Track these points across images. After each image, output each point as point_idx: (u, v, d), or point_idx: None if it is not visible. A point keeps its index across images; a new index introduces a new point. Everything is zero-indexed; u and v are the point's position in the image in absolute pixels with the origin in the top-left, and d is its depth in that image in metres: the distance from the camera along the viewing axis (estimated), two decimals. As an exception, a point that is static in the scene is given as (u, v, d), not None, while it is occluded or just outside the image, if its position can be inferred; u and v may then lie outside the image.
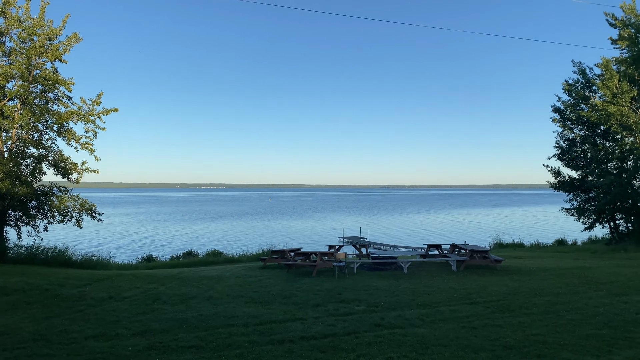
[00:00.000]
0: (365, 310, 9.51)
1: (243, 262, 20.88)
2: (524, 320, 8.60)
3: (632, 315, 8.94)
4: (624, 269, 15.30)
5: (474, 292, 11.34)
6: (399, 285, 12.31)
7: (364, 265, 16.20)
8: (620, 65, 27.61)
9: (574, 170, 29.46)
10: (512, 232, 41.06)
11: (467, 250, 16.24)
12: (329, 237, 39.38)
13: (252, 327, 8.25)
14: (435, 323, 8.45)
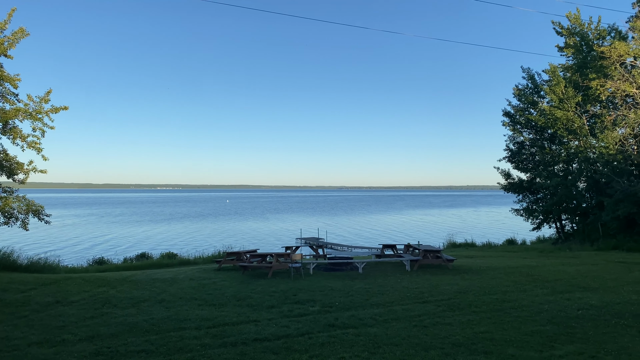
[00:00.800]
0: (319, 310, 9.55)
1: (198, 264, 20.58)
2: (473, 318, 8.85)
3: (574, 311, 9.34)
4: (568, 267, 15.98)
5: (426, 291, 11.58)
6: (354, 286, 12.43)
7: (320, 266, 16.27)
8: (567, 71, 28.82)
9: (523, 172, 30.53)
10: (465, 232, 42.17)
11: (421, 250, 16.57)
12: (287, 238, 39.33)
13: (205, 330, 8.15)
14: (388, 322, 8.58)
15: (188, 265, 19.73)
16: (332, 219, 67.59)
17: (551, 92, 27.23)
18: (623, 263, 16.74)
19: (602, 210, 24.92)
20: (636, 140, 25.62)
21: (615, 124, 25.32)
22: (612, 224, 23.86)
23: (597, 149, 26.01)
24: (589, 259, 18.61)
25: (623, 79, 24.37)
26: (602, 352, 6.80)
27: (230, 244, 31.19)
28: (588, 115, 27.89)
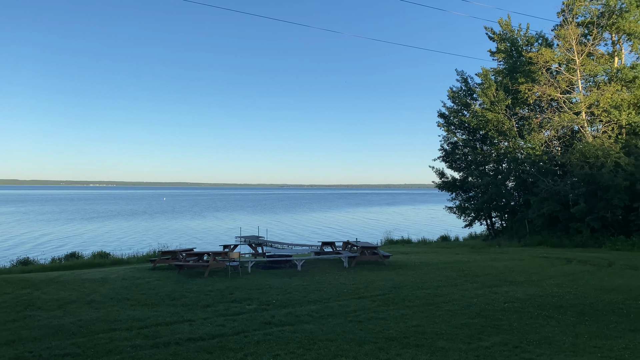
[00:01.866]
0: (256, 309, 9.50)
1: (132, 263, 19.91)
2: (406, 312, 9.10)
3: (501, 304, 9.81)
4: (497, 262, 16.76)
5: (363, 287, 11.79)
6: (292, 283, 12.45)
7: (259, 264, 16.17)
8: (498, 75, 30.17)
9: (457, 171, 31.72)
10: (402, 229, 43.25)
11: (359, 247, 16.85)
12: (226, 236, 38.80)
13: (136, 330, 7.90)
14: (324, 319, 8.66)
15: (121, 265, 19.05)
16: (273, 217, 67.37)
17: (483, 95, 28.44)
18: (546, 258, 17.76)
19: (528, 208, 26.31)
20: (560, 142, 27.23)
21: (541, 126, 26.79)
22: (538, 221, 25.25)
23: (524, 150, 27.43)
24: (516, 254, 19.60)
25: (549, 84, 25.81)
26: (524, 342, 7.18)
27: (166, 243, 30.38)
28: (517, 118, 29.35)
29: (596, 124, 25.92)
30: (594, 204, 22.80)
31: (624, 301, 9.96)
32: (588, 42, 26.15)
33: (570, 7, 26.68)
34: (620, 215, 23.02)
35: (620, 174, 22.08)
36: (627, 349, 6.82)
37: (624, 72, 25.08)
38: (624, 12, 25.30)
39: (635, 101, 24.69)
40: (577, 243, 22.55)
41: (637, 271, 14.20)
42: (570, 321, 8.41)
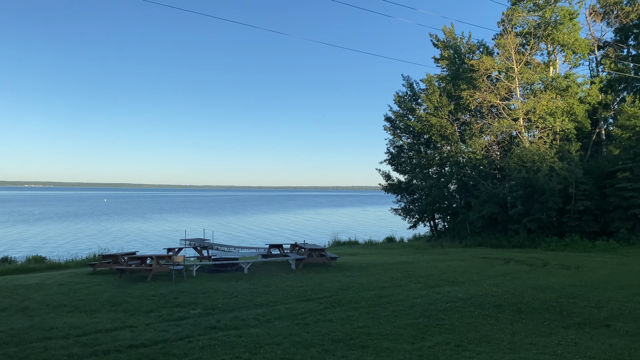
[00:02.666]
0: (201, 313, 9.32)
1: (70, 268, 19.04)
2: (353, 314, 9.19)
3: (443, 304, 10.09)
4: (439, 263, 17.24)
5: (310, 289, 11.81)
6: (238, 287, 12.31)
7: (204, 267, 15.88)
8: (442, 81, 31.07)
9: (402, 174, 32.43)
10: (350, 230, 43.71)
11: (306, 249, 16.88)
12: (170, 239, 37.88)
13: (74, 338, 7.56)
14: (270, 322, 8.60)
15: (58, 270, 18.16)
16: (220, 220, 66.39)
17: (427, 100, 29.22)
18: (486, 258, 18.44)
19: (469, 210, 27.25)
20: (499, 147, 28.38)
21: (482, 131, 27.83)
22: (478, 222, 26.19)
23: (466, 154, 28.40)
24: (458, 255, 20.24)
25: (489, 91, 26.84)
26: (465, 340, 7.42)
27: (107, 247, 29.30)
28: (459, 123, 30.33)
29: (533, 130, 27.18)
30: (530, 206, 23.89)
31: (557, 299, 10.48)
32: (526, 52, 27.40)
33: (509, 17, 27.87)
34: (554, 217, 24.24)
35: (555, 178, 23.26)
36: (560, 345, 7.18)
37: (558, 81, 26.46)
38: (558, 24, 26.69)
39: (568, 109, 26.08)
40: (515, 244, 23.55)
41: (569, 270, 14.99)
42: (508, 319, 8.75)
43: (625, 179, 23.41)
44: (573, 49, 27.58)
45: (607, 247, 21.47)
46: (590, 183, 24.05)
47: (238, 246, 33.45)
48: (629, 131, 24.34)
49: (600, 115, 29.07)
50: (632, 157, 23.49)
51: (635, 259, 17.92)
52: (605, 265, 15.97)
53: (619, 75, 30.49)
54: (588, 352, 6.81)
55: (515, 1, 28.47)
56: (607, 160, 25.86)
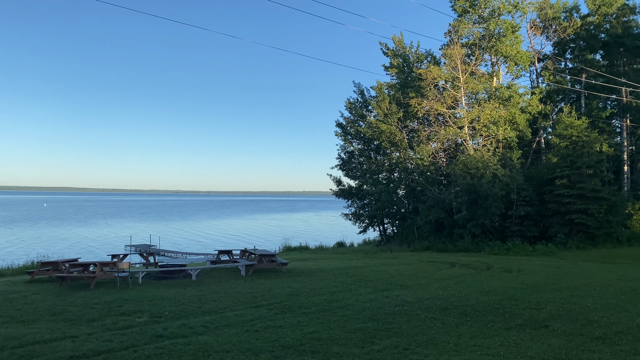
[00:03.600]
0: (147, 321, 9.05)
1: (6, 276, 18.01)
2: (303, 319, 9.18)
3: (392, 308, 10.25)
4: (388, 267, 17.51)
5: (260, 295, 11.72)
6: (186, 294, 12.04)
7: (151, 274, 15.45)
8: (391, 89, 31.68)
9: (353, 179, 32.80)
10: (301, 235, 43.70)
11: (256, 255, 16.74)
12: (115, 246, 36.62)
13: (10, 350, 7.17)
14: (219, 329, 8.47)
15: (-8, 279, 17.17)
16: (167, 225, 64.77)
17: (377, 107, 29.71)
18: (433, 262, 18.89)
19: (417, 215, 27.86)
20: (445, 154, 29.21)
21: (429, 138, 28.57)
22: (425, 227, 26.81)
23: (414, 160, 29.06)
24: (406, 259, 20.64)
25: (436, 99, 27.60)
26: (413, 344, 7.57)
27: (47, 253, 27.94)
28: (407, 130, 31.00)
29: (477, 138, 28.15)
30: (474, 212, 24.70)
31: (500, 302, 10.86)
32: (471, 62, 28.38)
33: (456, 28, 28.83)
34: (497, 222, 25.17)
35: (497, 184, 24.16)
36: (503, 346, 7.44)
37: (501, 91, 27.57)
38: (501, 37, 27.83)
39: (511, 118, 27.20)
40: (460, 248, 24.26)
41: (511, 274, 15.58)
42: (453, 322, 8.99)
43: (562, 186, 24.65)
44: (515, 61, 28.83)
45: (546, 251, 22.48)
46: (530, 189, 25.16)
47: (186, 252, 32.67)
48: (566, 140, 25.63)
49: (540, 124, 30.51)
50: (569, 165, 24.77)
51: (571, 262, 18.87)
52: (545, 269, 16.71)
53: (557, 86, 32.12)
54: (528, 352, 7.10)
55: (461, 13, 29.47)
56: (546, 168, 27.15)
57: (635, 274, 15.26)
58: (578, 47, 33.65)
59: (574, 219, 24.04)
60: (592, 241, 24.39)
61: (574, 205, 23.87)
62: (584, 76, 32.41)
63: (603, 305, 10.40)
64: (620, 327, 8.53)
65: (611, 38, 32.28)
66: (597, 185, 24.78)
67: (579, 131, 25.26)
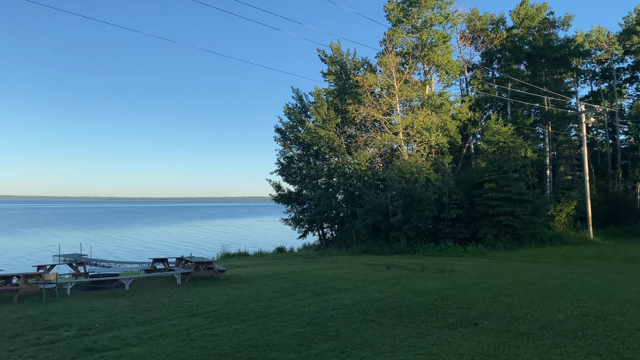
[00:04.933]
0: (75, 335, 8.64)
1: None
2: (240, 326, 9.10)
3: (330, 311, 10.36)
4: (327, 271, 17.67)
5: (196, 303, 11.49)
6: (119, 304, 11.60)
7: (81, 285, 14.76)
8: (329, 95, 32.09)
9: (292, 184, 32.89)
10: (240, 242, 43.20)
11: (193, 263, 16.41)
12: (42, 256, 34.66)
13: None
14: (153, 340, 8.22)
15: None
16: (100, 233, 62.04)
17: (316, 113, 30.00)
18: (370, 265, 19.26)
19: (355, 219, 28.33)
20: (382, 159, 29.90)
21: (366, 144, 29.16)
22: (363, 230, 27.31)
23: (352, 166, 29.55)
24: (344, 262, 20.91)
25: (372, 106, 28.23)
26: (350, 346, 7.68)
27: (-36, 266, 26.03)
28: (345, 136, 31.49)
29: (411, 144, 29.04)
30: (409, 215, 25.43)
31: (433, 302, 11.24)
32: (405, 70, 29.28)
33: (390, 37, 29.65)
34: (431, 224, 26.04)
35: (431, 188, 25.02)
36: (435, 345, 7.70)
37: (433, 99, 28.62)
38: (433, 46, 28.91)
39: (442, 125, 28.27)
40: (396, 250, 24.89)
41: (444, 274, 16.16)
42: (389, 323, 9.21)
43: (491, 190, 25.88)
44: (446, 70, 30.02)
45: (477, 252, 23.50)
46: (461, 193, 26.23)
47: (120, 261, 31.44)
48: (493, 146, 26.94)
49: (470, 131, 31.92)
50: (497, 170, 26.05)
51: (499, 262, 19.81)
52: (475, 269, 17.45)
53: (485, 95, 33.72)
54: (459, 350, 7.39)
55: (395, 22, 30.36)
56: (476, 172, 28.42)
57: (557, 272, 16.26)
58: (504, 58, 35.52)
59: (501, 220, 25.28)
60: (518, 242, 25.74)
61: (502, 208, 25.11)
62: (510, 85, 34.24)
63: (528, 302, 10.98)
64: (543, 322, 9.04)
65: (534, 50, 34.33)
66: (522, 188, 26.20)
67: (505, 137, 26.63)
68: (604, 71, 43.14)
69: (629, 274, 15.52)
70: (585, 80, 44.64)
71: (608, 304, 10.55)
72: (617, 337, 7.91)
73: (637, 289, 12.40)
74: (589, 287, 12.86)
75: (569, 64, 37.22)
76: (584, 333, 8.19)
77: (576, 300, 11.05)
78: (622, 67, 43.44)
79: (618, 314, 9.50)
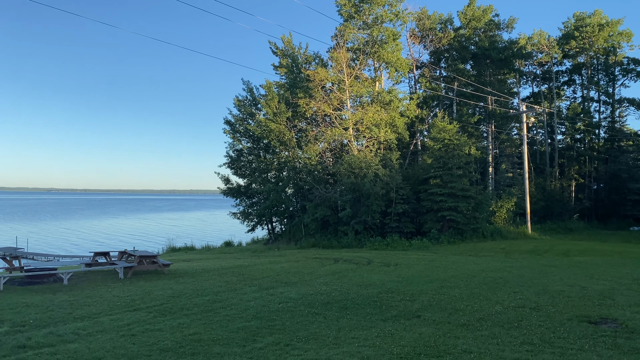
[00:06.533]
0: (8, 331, 8.24)
1: None
2: (184, 321, 8.95)
3: (276, 305, 10.36)
4: (275, 265, 17.65)
5: (139, 298, 11.20)
6: (56, 299, 11.15)
7: (15, 280, 14.08)
8: (281, 89, 31.92)
9: (242, 177, 32.56)
10: (186, 236, 42.42)
11: (136, 256, 15.97)
12: (-27, 249, 32.71)
13: None
14: (92, 335, 7.97)
15: None
16: (37, 226, 59.24)
17: (267, 106, 29.77)
18: (318, 259, 19.38)
19: (305, 213, 28.41)
20: (332, 154, 30.07)
21: (317, 138, 29.24)
22: (312, 225, 27.43)
23: (302, 160, 29.56)
24: (293, 256, 20.94)
25: (323, 101, 28.32)
26: (295, 339, 7.71)
27: None
28: (296, 130, 31.44)
29: (361, 139, 29.37)
30: (357, 209, 25.76)
31: (378, 294, 11.45)
32: (356, 66, 29.53)
33: (342, 33, 29.80)
34: (378, 219, 26.48)
35: (379, 183, 25.42)
36: (379, 337, 7.86)
37: (383, 96, 29.03)
38: (384, 43, 29.30)
39: (391, 121, 28.75)
40: (344, 244, 25.17)
41: (390, 267, 16.49)
42: (334, 316, 9.32)
43: (436, 185, 26.59)
44: (396, 67, 30.52)
45: (421, 246, 24.12)
46: (408, 188, 26.81)
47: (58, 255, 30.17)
48: (439, 143, 27.67)
49: (417, 128, 32.64)
50: (442, 166, 26.78)
51: (442, 256, 20.41)
52: (419, 262, 17.90)
53: (433, 93, 34.55)
54: (402, 342, 7.57)
55: (347, 18, 30.54)
56: (422, 168, 29.11)
57: (496, 265, 16.92)
58: (451, 57, 36.50)
59: (445, 215, 26.04)
60: (461, 236, 26.61)
61: (446, 203, 25.87)
62: (456, 84, 35.24)
63: (468, 294, 11.38)
64: (482, 314, 9.40)
65: (480, 50, 35.48)
66: (465, 184, 27.07)
67: (450, 135, 27.41)
68: (544, 73, 45.19)
69: (562, 267, 16.37)
70: (527, 82, 46.62)
71: (542, 295, 11.10)
72: (549, 327, 8.34)
73: (569, 281, 13.10)
74: (526, 279, 13.47)
75: (512, 65, 38.73)
76: (519, 323, 8.58)
77: (513, 292, 11.55)
78: (560, 70, 45.67)
79: (551, 305, 10.01)
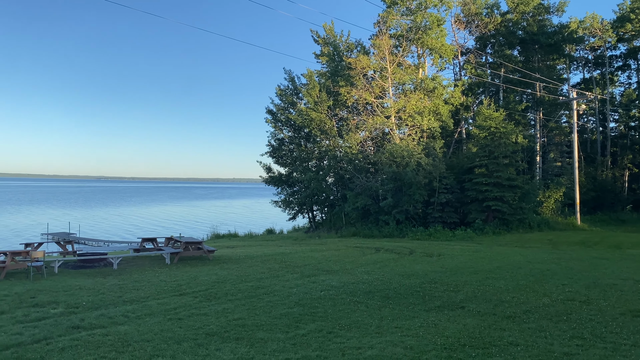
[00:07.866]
0: (63, 312, 8.61)
1: None
2: (228, 306, 9.12)
3: (318, 292, 10.41)
4: (316, 253, 17.74)
5: (185, 283, 11.49)
6: (106, 283, 11.58)
7: (68, 263, 14.70)
8: (322, 77, 31.84)
9: (283, 166, 32.81)
10: (230, 223, 43.19)
11: (182, 243, 16.38)
12: (30, 234, 34.45)
13: None
14: (141, 318, 8.22)
15: None
16: (88, 212, 61.67)
17: (308, 95, 29.79)
18: (359, 248, 19.35)
19: (345, 202, 28.37)
20: (373, 142, 29.86)
21: (358, 127, 29.07)
22: (353, 214, 27.39)
23: (343, 149, 29.48)
24: (333, 245, 20.99)
25: (365, 89, 28.08)
26: (337, 327, 7.73)
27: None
28: (337, 118, 31.37)
29: (403, 128, 29.01)
30: (399, 199, 25.51)
31: (420, 285, 11.33)
32: (398, 53, 29.08)
33: (384, 19, 29.38)
34: (420, 209, 26.16)
35: (421, 173, 25.07)
36: (422, 327, 7.78)
37: (426, 83, 28.50)
38: (427, 29, 28.71)
39: (435, 109, 28.23)
40: (385, 234, 25.02)
41: (432, 258, 16.29)
42: (376, 305, 9.28)
43: (481, 175, 25.99)
44: (440, 53, 29.87)
45: (465, 236, 23.69)
46: (451, 177, 26.32)
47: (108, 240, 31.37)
48: (485, 131, 26.99)
49: (462, 115, 31.92)
50: (487, 155, 26.14)
51: (487, 247, 19.99)
52: (463, 253, 17.59)
53: (478, 79, 33.66)
54: (446, 332, 7.46)
55: (390, 4, 30.06)
56: (467, 157, 28.50)
57: (543, 257, 16.44)
58: (498, 43, 35.41)
59: (490, 205, 25.45)
60: (506, 227, 25.96)
61: (491, 193, 25.26)
62: (503, 70, 34.19)
63: (514, 286, 11.11)
64: (529, 306, 9.15)
65: (527, 35, 34.26)
66: (512, 174, 26.34)
67: (497, 123, 26.68)
68: (597, 58, 43.23)
69: (614, 260, 15.74)
70: (577, 67, 44.75)
71: (593, 289, 10.70)
72: (600, 321, 8.03)
73: (622, 274, 12.58)
74: (575, 272, 13.02)
75: (562, 51, 37.22)
76: (568, 317, 8.30)
77: (561, 285, 11.19)
78: (614, 55, 43.56)
79: (602, 299, 9.64)
